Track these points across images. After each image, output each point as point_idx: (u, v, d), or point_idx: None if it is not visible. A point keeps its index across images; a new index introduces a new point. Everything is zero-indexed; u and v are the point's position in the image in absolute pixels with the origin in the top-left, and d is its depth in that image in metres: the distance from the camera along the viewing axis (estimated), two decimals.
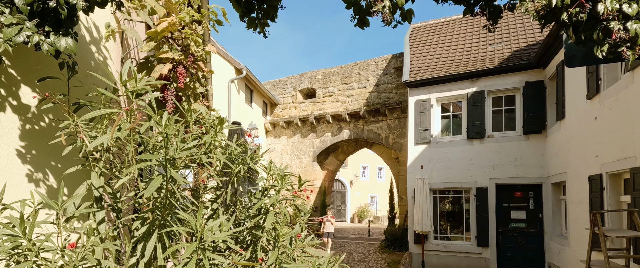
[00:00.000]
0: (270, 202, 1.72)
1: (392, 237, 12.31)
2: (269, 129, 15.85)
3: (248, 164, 2.04)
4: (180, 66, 2.91)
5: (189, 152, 1.40)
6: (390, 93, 13.42)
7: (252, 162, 2.12)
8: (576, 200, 6.47)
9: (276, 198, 1.75)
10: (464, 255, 9.04)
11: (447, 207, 9.76)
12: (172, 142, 1.54)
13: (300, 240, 1.82)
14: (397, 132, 13.10)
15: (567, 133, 6.87)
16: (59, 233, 1.47)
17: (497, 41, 10.22)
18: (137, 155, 1.47)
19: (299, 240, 1.79)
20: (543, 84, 8.27)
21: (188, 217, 1.50)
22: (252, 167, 2.06)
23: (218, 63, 12.64)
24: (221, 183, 1.90)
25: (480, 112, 8.99)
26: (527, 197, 8.72)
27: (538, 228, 8.52)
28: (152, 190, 1.29)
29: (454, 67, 9.63)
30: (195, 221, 1.49)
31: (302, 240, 1.82)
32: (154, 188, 1.30)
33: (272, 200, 1.72)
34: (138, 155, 1.42)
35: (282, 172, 1.85)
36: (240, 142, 1.97)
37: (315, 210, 15.42)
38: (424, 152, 9.60)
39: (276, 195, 1.77)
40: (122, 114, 1.46)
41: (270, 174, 1.87)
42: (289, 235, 1.68)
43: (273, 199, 1.73)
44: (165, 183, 1.39)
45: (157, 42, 3.03)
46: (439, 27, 12.29)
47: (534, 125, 8.36)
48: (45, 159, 2.11)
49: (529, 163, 8.48)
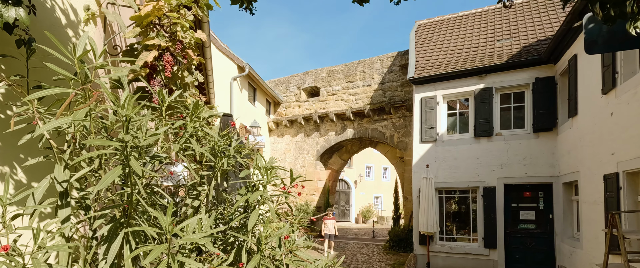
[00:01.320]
0: (253, 198, 1.50)
1: (397, 237, 12.06)
2: (272, 128, 15.68)
3: (235, 157, 1.83)
4: (167, 53, 2.72)
5: (155, 138, 1.20)
6: (395, 91, 13.17)
7: (240, 155, 1.91)
8: (590, 200, 6.18)
9: (260, 194, 1.53)
10: (470, 257, 8.77)
11: (454, 207, 9.48)
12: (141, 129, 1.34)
13: (290, 242, 1.60)
14: (402, 130, 12.84)
15: (580, 130, 6.57)
16: (7, 234, 1.27)
17: (505, 37, 9.93)
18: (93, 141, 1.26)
19: (288, 242, 1.58)
20: (554, 80, 7.97)
21: (158, 214, 1.30)
22: (240, 160, 1.85)
23: (220, 60, 12.49)
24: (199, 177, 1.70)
25: (488, 109, 8.70)
26: (536, 197, 8.42)
27: (548, 229, 8.22)
28: (105, 183, 1.09)
29: (460, 64, 9.36)
30: (164, 220, 1.28)
31: (292, 242, 1.61)
32: (107, 182, 1.10)
33: (255, 196, 1.50)
34: (86, 140, 1.22)
35: (270, 164, 1.63)
36: (225, 133, 1.77)
37: (319, 210, 15.21)
38: (430, 150, 9.34)
39: (261, 191, 1.56)
40: (74, 94, 1.26)
41: (256, 167, 1.66)
42: (275, 236, 1.47)
43: (256, 195, 1.51)
44: (127, 176, 1.19)
45: (144, 28, 2.84)
46: (445, 24, 12.01)
47: (544, 122, 8.06)
48: (14, 151, 1.92)
49: (538, 162, 8.18)
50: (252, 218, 1.44)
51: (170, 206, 1.30)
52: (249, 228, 1.40)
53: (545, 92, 8.08)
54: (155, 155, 1.37)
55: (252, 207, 1.65)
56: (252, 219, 1.43)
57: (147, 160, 1.35)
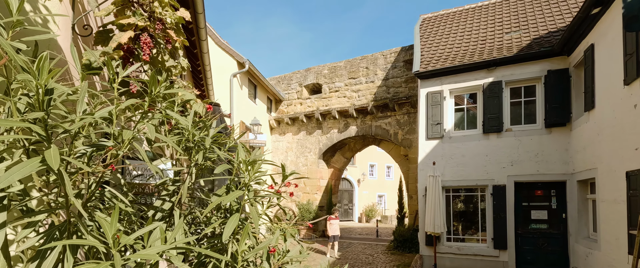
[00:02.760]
0: (229, 200, 1.16)
1: (402, 237, 11.71)
2: (274, 126, 15.35)
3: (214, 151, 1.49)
4: (144, 34, 2.39)
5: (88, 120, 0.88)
6: (399, 87, 12.80)
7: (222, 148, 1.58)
8: (609, 199, 5.80)
9: (238, 194, 1.18)
10: (479, 258, 8.40)
11: (461, 206, 9.12)
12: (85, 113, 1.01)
13: (280, 253, 1.27)
14: (406, 128, 12.48)
15: (598, 124, 6.19)
16: None
17: (514, 29, 9.53)
18: None
19: (276, 255, 1.25)
20: (567, 72, 7.58)
21: (102, 221, 0.97)
22: (222, 154, 1.52)
23: (220, 56, 12.17)
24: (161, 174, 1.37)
25: (497, 104, 8.32)
26: (549, 195, 8.04)
27: (561, 229, 7.84)
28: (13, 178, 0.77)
29: (467, 57, 8.98)
30: (108, 228, 0.96)
31: (283, 254, 1.28)
32: (15, 177, 0.78)
33: (230, 198, 1.15)
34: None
35: (257, 156, 1.29)
36: (201, 120, 1.44)
37: (321, 209, 14.88)
38: (436, 147, 8.97)
39: (239, 191, 1.22)
40: None
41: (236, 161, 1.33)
42: (258, 249, 1.13)
43: (232, 196, 1.16)
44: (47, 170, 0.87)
45: (119, 6, 2.51)
46: (451, 17, 11.62)
47: (557, 117, 7.67)
48: None
49: (551, 159, 7.80)
50: (229, 225, 1.11)
51: (116, 211, 0.97)
52: (224, 238, 1.08)
53: (558, 85, 7.69)
54: (97, 144, 1.04)
55: (234, 210, 1.32)
56: (228, 227, 1.10)
57: (88, 151, 1.03)
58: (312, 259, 10.12)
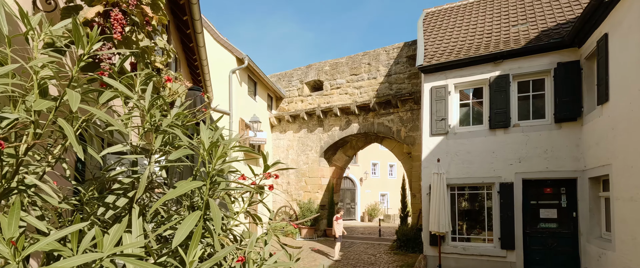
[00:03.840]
0: (176, 194, 0.88)
1: (405, 237, 11.42)
2: (274, 124, 15.09)
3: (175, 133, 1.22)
4: (115, 10, 2.12)
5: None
6: (402, 83, 12.50)
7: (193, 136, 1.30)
8: (625, 197, 5.49)
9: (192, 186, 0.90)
10: (485, 259, 8.10)
11: (467, 205, 8.82)
12: None
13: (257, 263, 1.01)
14: (409, 125, 12.17)
15: (612, 118, 5.87)
16: None
17: (521, 22, 9.20)
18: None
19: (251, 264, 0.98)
20: (578, 65, 7.25)
21: (2, 219, 0.71)
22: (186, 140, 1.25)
23: (218, 52, 11.91)
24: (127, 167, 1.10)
25: (505, 98, 8.01)
26: (558, 193, 7.73)
27: (572, 228, 7.53)
28: None
29: (473, 50, 8.66)
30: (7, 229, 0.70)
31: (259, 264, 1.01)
32: None
33: (182, 190, 0.87)
34: None
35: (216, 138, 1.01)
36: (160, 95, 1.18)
37: (323, 208, 14.60)
38: (441, 144, 8.67)
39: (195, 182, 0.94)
40: None
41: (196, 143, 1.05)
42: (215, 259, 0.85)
43: (183, 188, 0.88)
44: None
45: None
46: (455, 11, 11.29)
47: (568, 111, 7.35)
48: None
49: (561, 155, 7.48)
50: (183, 227, 0.84)
51: (15, 207, 0.71)
52: (173, 245, 0.81)
53: (568, 78, 7.37)
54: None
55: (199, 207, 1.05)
56: (181, 229, 0.84)
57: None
58: (313, 259, 9.86)
